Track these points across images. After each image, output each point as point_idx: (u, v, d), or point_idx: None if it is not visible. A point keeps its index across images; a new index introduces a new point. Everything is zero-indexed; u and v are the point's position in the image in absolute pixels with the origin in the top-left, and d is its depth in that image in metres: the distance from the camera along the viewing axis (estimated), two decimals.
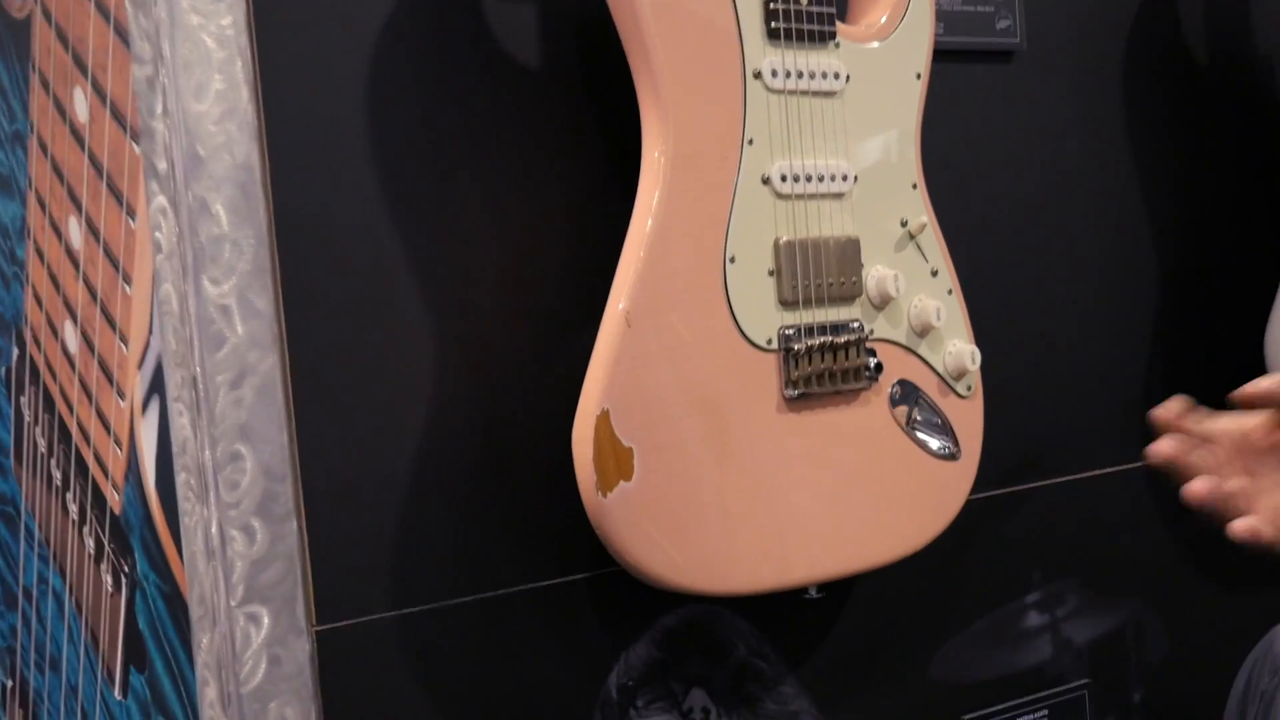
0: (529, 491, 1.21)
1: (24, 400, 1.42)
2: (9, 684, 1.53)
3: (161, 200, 1.10)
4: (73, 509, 1.34)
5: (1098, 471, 1.57)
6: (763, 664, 1.32)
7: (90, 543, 1.32)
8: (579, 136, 1.24)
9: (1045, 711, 1.51)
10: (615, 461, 1.12)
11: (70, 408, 1.33)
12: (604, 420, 1.11)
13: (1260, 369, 1.61)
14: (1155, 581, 1.62)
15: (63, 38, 1.25)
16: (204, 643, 1.11)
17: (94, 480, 1.30)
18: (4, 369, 1.45)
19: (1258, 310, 1.58)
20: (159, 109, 1.08)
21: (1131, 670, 1.59)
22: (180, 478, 1.12)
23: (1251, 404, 1.08)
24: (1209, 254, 1.67)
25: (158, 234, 1.11)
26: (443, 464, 1.18)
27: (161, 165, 1.09)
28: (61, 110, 1.27)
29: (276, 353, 1.11)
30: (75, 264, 1.28)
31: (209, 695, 1.11)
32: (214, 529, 1.09)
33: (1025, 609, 1.50)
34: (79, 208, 1.26)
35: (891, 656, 1.42)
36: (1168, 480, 1.07)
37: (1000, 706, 1.49)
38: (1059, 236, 1.55)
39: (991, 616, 1.48)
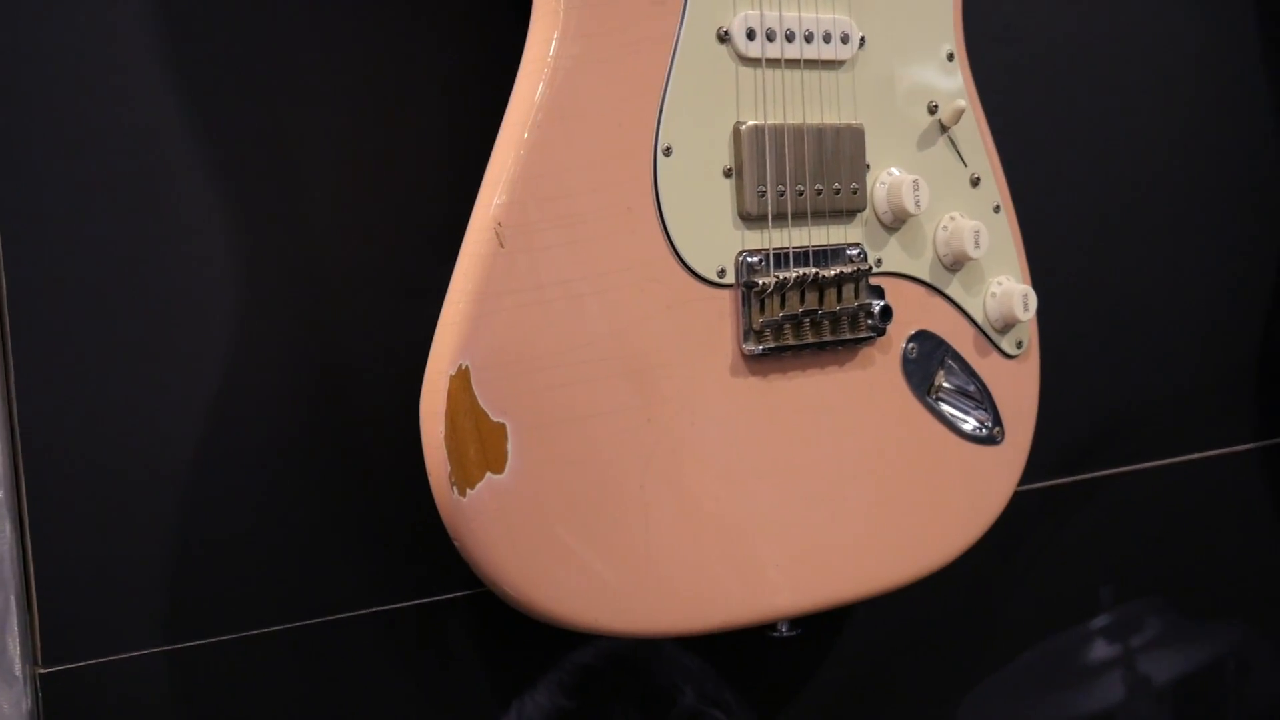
0: (376, 475, 0.81)
1: None
2: None
3: None
4: None
5: (1192, 456, 1.14)
6: (720, 715, 0.92)
7: None
8: None
9: None
10: (479, 444, 0.71)
11: None
12: (461, 382, 0.70)
13: None
14: (1265, 600, 1.19)
15: None
16: None
17: None
18: None
19: None
20: None
21: (1231, 719, 1.18)
22: None
23: None
24: None
25: None
26: (247, 437, 0.77)
27: None
28: None
29: None
30: None
31: None
32: None
33: (1089, 637, 1.09)
34: None
35: (905, 703, 1.00)
36: None
37: None
38: (1150, 134, 1.11)
39: (1043, 648, 1.07)
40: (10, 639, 0.71)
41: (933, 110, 0.84)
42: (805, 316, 0.79)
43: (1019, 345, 0.88)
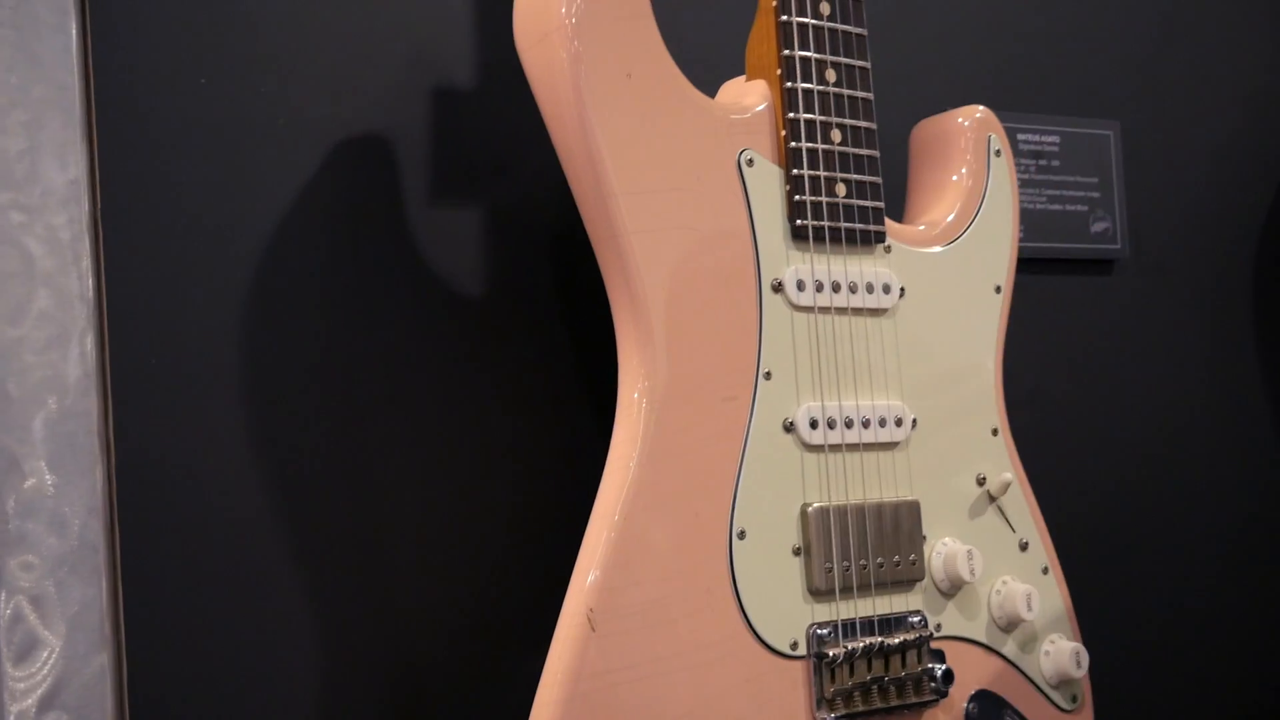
0: None
1: None
2: None
3: None
4: None
5: None
6: None
7: None
8: (547, 367, 0.85)
9: None
10: None
11: None
12: None
13: None
14: None
15: None
16: None
17: None
18: None
19: None
20: None
21: None
22: None
23: None
24: None
25: None
26: None
27: None
28: None
29: (107, 656, 0.72)
30: None
31: None
32: None
33: None
34: None
35: None
36: None
37: None
38: (1180, 494, 1.12)
39: None
40: None
41: (981, 482, 0.85)
42: (873, 683, 0.78)
43: (1074, 700, 0.87)
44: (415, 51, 0.83)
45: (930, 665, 0.80)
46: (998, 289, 0.87)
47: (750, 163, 0.78)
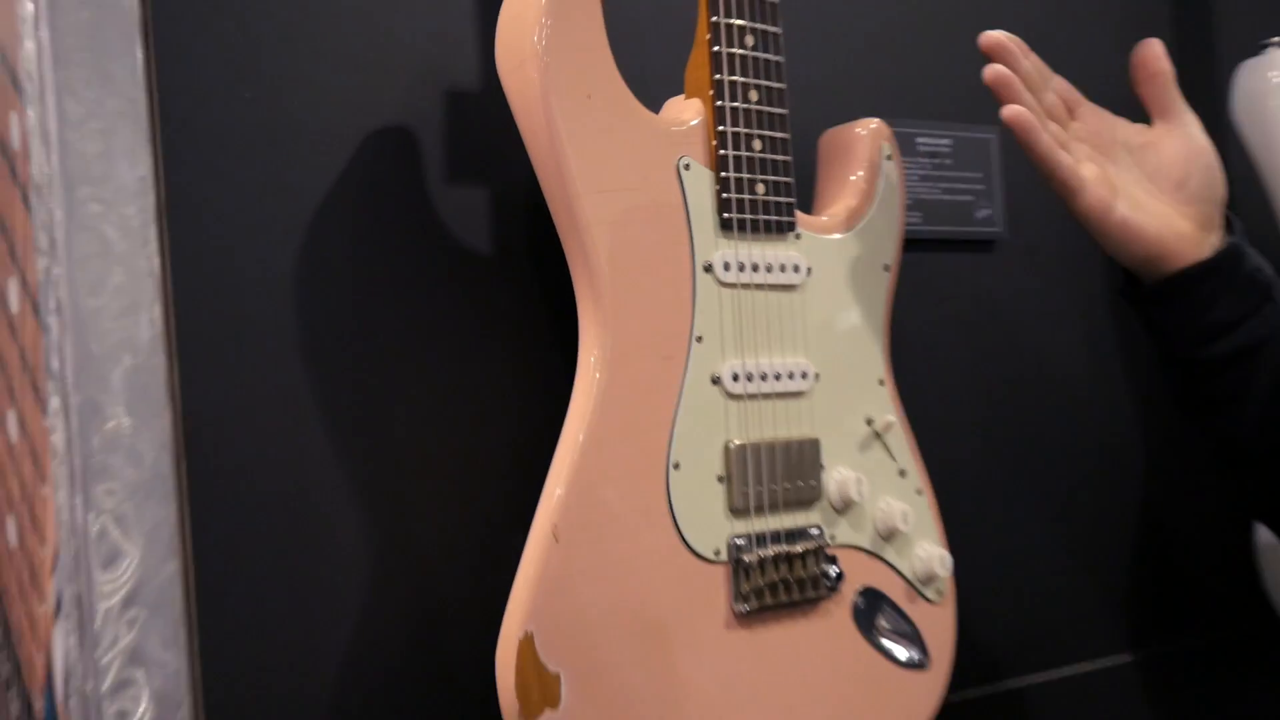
0: (465, 707, 0.98)
1: None
2: None
3: (56, 401, 0.90)
4: (13, 709, 1.13)
5: (1085, 667, 1.30)
6: None
7: None
8: (529, 325, 1.02)
9: None
10: (540, 689, 0.88)
11: (11, 604, 1.12)
12: (527, 645, 0.87)
13: (1248, 551, 1.36)
14: None
15: (1, 225, 1.07)
16: None
17: (25, 685, 1.08)
18: None
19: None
20: (52, 303, 0.88)
21: None
22: (72, 702, 0.91)
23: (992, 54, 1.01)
24: (1202, 445, 1.42)
25: (54, 437, 0.90)
26: (370, 686, 0.94)
27: (54, 364, 0.89)
28: (3, 300, 1.08)
29: (176, 565, 0.89)
30: (14, 457, 1.08)
31: None
32: None
33: None
34: (14, 402, 1.07)
35: None
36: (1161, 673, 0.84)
37: None
38: (1041, 430, 1.31)
39: None
40: None
41: (869, 423, 1.03)
42: (780, 582, 0.96)
43: (939, 594, 1.05)
44: (426, 65, 1.00)
45: (825, 567, 0.99)
46: (886, 267, 1.05)
47: (687, 167, 0.95)
